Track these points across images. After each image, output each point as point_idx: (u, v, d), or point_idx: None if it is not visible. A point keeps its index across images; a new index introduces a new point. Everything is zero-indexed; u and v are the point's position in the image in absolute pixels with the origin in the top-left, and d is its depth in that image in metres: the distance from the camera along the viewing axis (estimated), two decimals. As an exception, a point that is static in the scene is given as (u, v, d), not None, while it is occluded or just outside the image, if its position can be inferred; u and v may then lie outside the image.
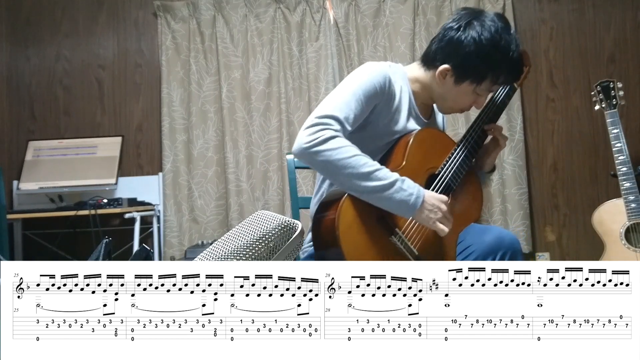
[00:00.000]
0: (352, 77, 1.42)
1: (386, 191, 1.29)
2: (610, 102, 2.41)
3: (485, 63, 1.40)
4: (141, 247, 1.36)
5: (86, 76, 3.43)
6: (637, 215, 2.28)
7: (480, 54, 1.39)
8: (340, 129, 1.31)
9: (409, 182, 1.32)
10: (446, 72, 1.45)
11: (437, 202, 1.34)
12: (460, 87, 1.45)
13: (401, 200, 1.30)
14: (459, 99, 1.49)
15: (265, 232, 0.85)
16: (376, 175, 1.29)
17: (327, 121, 1.31)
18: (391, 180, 1.30)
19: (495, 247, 1.36)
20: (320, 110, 1.34)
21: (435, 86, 1.49)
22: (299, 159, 1.33)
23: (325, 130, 1.29)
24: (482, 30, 1.39)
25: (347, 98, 1.36)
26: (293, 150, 1.33)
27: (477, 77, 1.43)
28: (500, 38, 1.39)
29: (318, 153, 1.28)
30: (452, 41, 1.43)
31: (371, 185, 1.28)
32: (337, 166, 1.28)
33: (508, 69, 1.43)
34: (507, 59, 1.41)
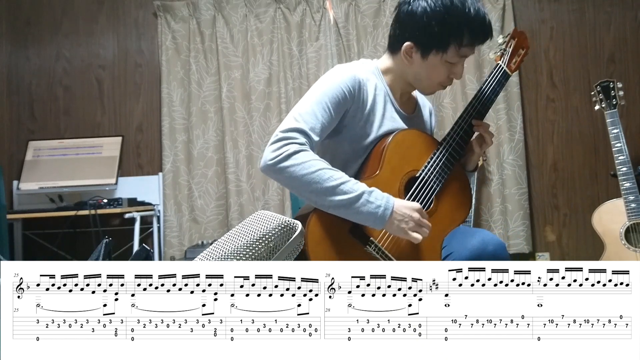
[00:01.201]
0: (319, 84, 1.39)
1: (353, 205, 1.25)
2: (610, 102, 2.41)
3: (444, 28, 1.36)
4: (141, 247, 1.36)
5: (86, 76, 3.43)
6: (637, 215, 2.28)
7: (436, 20, 1.35)
8: (306, 142, 1.28)
9: (377, 194, 1.28)
10: (410, 49, 1.41)
11: (409, 210, 1.29)
12: (428, 60, 1.41)
13: (369, 212, 1.26)
14: (433, 74, 1.43)
15: (265, 232, 0.85)
16: (341, 189, 1.25)
17: (291, 135, 1.28)
18: (357, 193, 1.26)
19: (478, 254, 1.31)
20: (285, 124, 1.31)
21: (406, 68, 1.45)
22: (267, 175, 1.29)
23: (289, 145, 1.26)
24: None
25: (313, 107, 1.33)
26: (259, 167, 1.30)
27: (441, 44, 1.38)
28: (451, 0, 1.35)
29: (282, 170, 1.25)
30: (406, 17, 1.40)
31: (337, 199, 1.25)
32: (301, 182, 1.25)
33: (469, 28, 1.37)
34: (464, 18, 1.36)
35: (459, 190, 1.46)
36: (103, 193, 3.14)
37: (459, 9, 1.35)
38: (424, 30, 1.37)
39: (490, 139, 1.49)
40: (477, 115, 1.49)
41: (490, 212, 3.15)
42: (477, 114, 1.49)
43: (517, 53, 1.58)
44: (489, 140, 1.48)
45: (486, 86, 1.52)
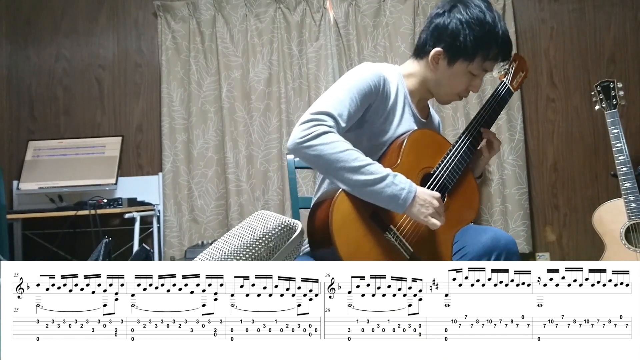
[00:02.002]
0: (348, 76, 1.45)
1: (377, 185, 1.30)
2: (610, 102, 2.41)
3: (474, 39, 1.45)
4: (141, 247, 1.36)
5: (86, 76, 3.43)
6: (637, 215, 2.28)
7: (468, 32, 1.44)
8: (334, 125, 1.34)
9: (401, 177, 1.34)
10: (438, 55, 1.49)
11: (429, 197, 1.35)
12: (453, 68, 1.49)
13: (392, 194, 1.31)
14: (455, 82, 1.52)
15: (265, 232, 0.85)
16: (367, 169, 1.31)
17: (321, 117, 1.33)
18: (382, 174, 1.31)
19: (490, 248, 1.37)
20: (315, 107, 1.36)
21: (430, 74, 1.53)
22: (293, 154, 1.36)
23: (318, 126, 1.31)
24: (467, 10, 1.46)
25: (342, 96, 1.38)
26: (287, 146, 1.35)
27: (469, 54, 1.47)
28: (485, 15, 1.45)
29: (311, 147, 1.30)
30: (439, 25, 1.49)
31: (362, 178, 1.30)
32: (329, 160, 1.30)
33: (497, 43, 1.47)
34: (494, 34, 1.46)
35: (469, 191, 1.53)
36: (103, 193, 3.14)
37: (491, 25, 1.45)
38: (456, 39, 1.46)
39: (499, 145, 1.59)
40: (485, 123, 1.59)
41: (490, 212, 3.14)
42: (485, 123, 1.59)
43: (517, 75, 1.70)
44: (497, 146, 1.58)
45: (493, 99, 1.64)
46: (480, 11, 1.45)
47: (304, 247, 1.53)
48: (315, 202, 1.43)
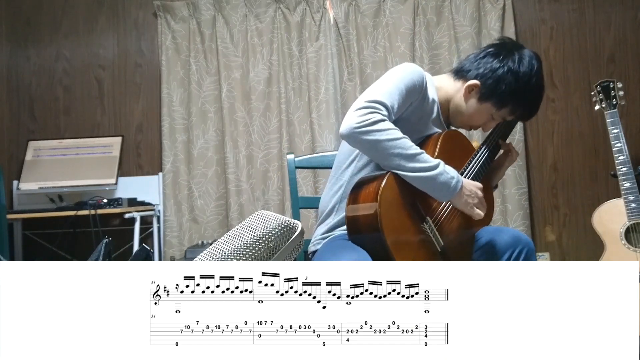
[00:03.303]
0: (396, 71, 1.48)
1: (431, 172, 1.35)
2: (610, 102, 2.41)
3: (512, 93, 1.50)
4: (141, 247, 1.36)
5: (86, 76, 3.43)
6: (637, 215, 2.28)
7: (511, 84, 1.50)
8: (387, 115, 1.38)
9: (450, 168, 1.39)
10: (474, 87, 1.54)
11: (475, 188, 1.43)
12: (481, 105, 1.55)
13: (444, 182, 1.36)
14: (475, 116, 1.57)
15: (265, 232, 0.85)
16: (422, 157, 1.36)
17: (376, 105, 1.37)
18: (435, 163, 1.37)
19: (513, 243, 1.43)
20: (370, 95, 1.40)
21: (458, 97, 1.58)
22: (347, 139, 1.38)
23: (374, 113, 1.35)
24: (520, 64, 1.50)
25: (392, 89, 1.42)
26: (341, 131, 1.38)
27: (500, 102, 1.52)
28: (533, 77, 1.50)
29: (368, 133, 1.34)
30: (489, 63, 1.53)
31: (417, 166, 1.35)
32: (386, 146, 1.34)
33: (528, 106, 1.54)
34: (532, 97, 1.53)
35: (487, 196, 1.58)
36: (103, 193, 3.14)
37: (534, 88, 1.52)
38: (496, 84, 1.51)
39: (516, 156, 1.67)
40: (502, 136, 1.66)
41: (490, 212, 3.14)
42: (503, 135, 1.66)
43: None
44: (514, 156, 1.66)
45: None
46: (532, 70, 1.50)
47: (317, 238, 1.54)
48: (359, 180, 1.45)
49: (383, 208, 1.32)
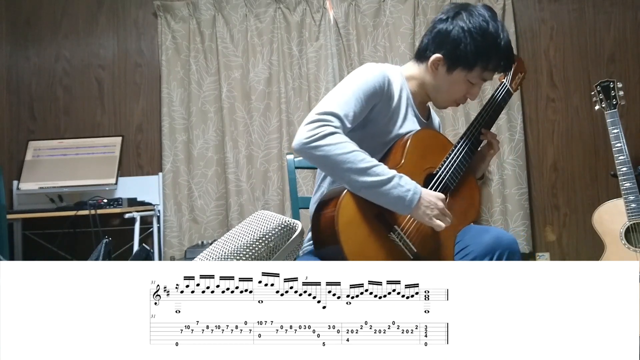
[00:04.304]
0: (352, 76, 1.45)
1: (383, 186, 1.31)
2: (610, 102, 2.41)
3: (475, 50, 1.45)
4: (141, 247, 1.36)
5: (86, 76, 3.43)
6: (637, 215, 2.28)
7: (469, 41, 1.44)
8: (340, 126, 1.34)
9: (406, 179, 1.34)
10: (438, 61, 1.49)
11: (434, 199, 1.36)
12: (452, 75, 1.49)
13: (398, 196, 1.32)
14: (452, 89, 1.52)
15: (265, 232, 0.85)
16: (374, 170, 1.31)
17: (327, 117, 1.33)
18: (389, 176, 1.32)
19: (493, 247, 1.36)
20: (321, 107, 1.36)
21: (429, 78, 1.53)
22: (299, 154, 1.36)
23: (325, 127, 1.31)
24: (470, 19, 1.45)
25: (347, 96, 1.38)
26: (293, 146, 1.35)
27: (468, 64, 1.47)
28: (488, 25, 1.44)
29: (317, 148, 1.30)
30: (441, 32, 1.49)
31: (369, 180, 1.30)
32: (335, 161, 1.30)
33: (497, 54, 1.47)
34: (495, 45, 1.45)
35: (470, 192, 1.54)
36: (103, 193, 3.14)
37: (493, 35, 1.45)
38: (456, 48, 1.46)
39: (498, 146, 1.60)
40: (485, 125, 1.60)
41: (490, 212, 3.14)
42: (486, 124, 1.60)
43: (517, 76, 1.72)
44: (496, 147, 1.59)
45: (493, 100, 1.64)
46: (484, 20, 1.45)
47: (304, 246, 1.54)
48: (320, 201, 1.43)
49: (341, 228, 1.28)
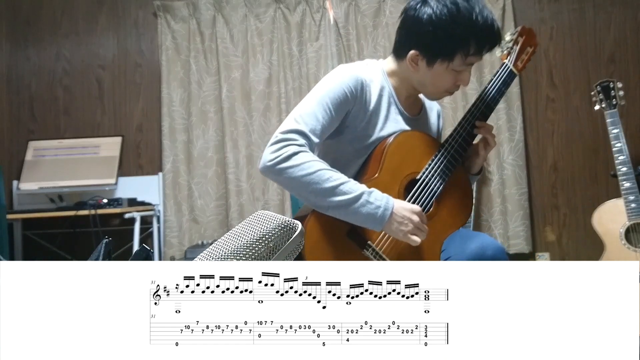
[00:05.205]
0: (321, 85, 1.38)
1: (352, 205, 1.24)
2: (610, 102, 2.41)
3: (450, 37, 1.32)
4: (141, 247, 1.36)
5: (86, 76, 3.43)
6: (637, 215, 2.28)
7: (441, 29, 1.32)
8: (306, 143, 1.28)
9: (376, 194, 1.27)
10: (416, 57, 1.38)
11: (408, 213, 1.28)
12: (434, 69, 1.38)
13: (368, 213, 1.25)
14: (438, 81, 1.41)
15: (265, 232, 0.85)
16: (340, 189, 1.25)
17: (290, 136, 1.27)
18: (357, 193, 1.25)
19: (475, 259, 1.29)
20: (285, 125, 1.31)
21: (412, 74, 1.42)
22: (265, 176, 1.31)
23: (288, 147, 1.26)
24: (437, 4, 1.32)
25: (314, 108, 1.32)
26: (259, 168, 1.30)
27: (447, 54, 1.35)
28: (457, 8, 1.31)
29: (282, 171, 1.25)
30: (412, 24, 1.37)
31: (336, 200, 1.24)
32: (300, 183, 1.25)
33: (476, 37, 1.33)
34: (471, 27, 1.32)
35: (460, 193, 1.44)
36: (103, 193, 3.14)
37: (466, 16, 1.31)
38: (430, 40, 1.34)
39: (493, 141, 1.46)
40: (481, 116, 1.47)
41: (490, 212, 3.15)
42: (481, 115, 1.47)
43: (524, 51, 1.54)
44: (491, 142, 1.46)
45: (491, 86, 1.49)
46: (453, 2, 1.31)
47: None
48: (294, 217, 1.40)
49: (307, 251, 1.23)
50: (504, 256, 1.32)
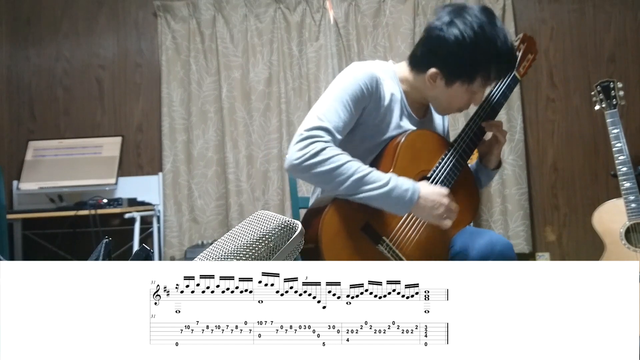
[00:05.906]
0: (338, 81, 1.41)
1: (382, 189, 1.30)
2: (610, 102, 2.41)
3: (472, 62, 1.36)
4: (141, 247, 1.36)
5: (86, 76, 3.43)
6: (637, 215, 2.28)
7: (466, 54, 1.35)
8: (331, 139, 1.31)
9: (403, 179, 1.33)
10: (435, 75, 1.41)
11: (438, 196, 1.33)
12: (452, 88, 1.42)
13: (398, 196, 1.30)
14: (454, 100, 1.45)
15: (265, 232, 0.85)
16: (369, 178, 1.30)
17: (315, 133, 1.30)
18: (385, 180, 1.31)
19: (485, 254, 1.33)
20: (309, 123, 1.33)
21: (428, 90, 1.46)
22: (292, 175, 1.34)
23: (315, 143, 1.29)
24: (465, 27, 1.34)
25: (335, 106, 1.35)
26: (285, 167, 1.33)
27: (467, 76, 1.39)
28: (484, 33, 1.34)
29: (310, 167, 1.28)
30: (436, 43, 1.39)
31: (367, 188, 1.29)
32: (329, 177, 1.29)
33: (497, 64, 1.38)
34: (494, 54, 1.36)
35: (467, 192, 1.49)
36: (103, 193, 3.14)
37: (490, 41, 1.34)
38: (453, 61, 1.37)
39: (503, 137, 1.53)
40: (488, 117, 1.52)
41: (490, 212, 3.15)
42: (487, 117, 1.52)
43: (525, 58, 1.61)
44: (502, 139, 1.53)
45: (496, 90, 1.55)
46: (480, 27, 1.33)
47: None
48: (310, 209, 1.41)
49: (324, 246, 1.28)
50: (512, 252, 1.36)
